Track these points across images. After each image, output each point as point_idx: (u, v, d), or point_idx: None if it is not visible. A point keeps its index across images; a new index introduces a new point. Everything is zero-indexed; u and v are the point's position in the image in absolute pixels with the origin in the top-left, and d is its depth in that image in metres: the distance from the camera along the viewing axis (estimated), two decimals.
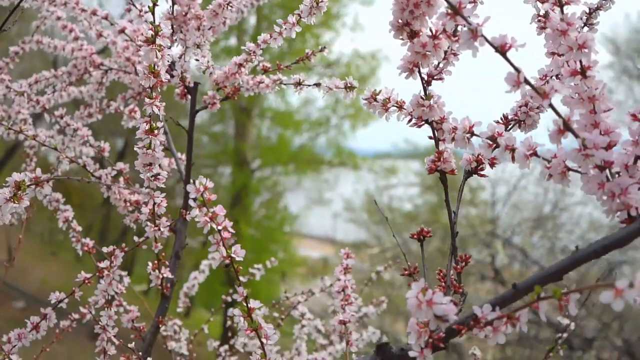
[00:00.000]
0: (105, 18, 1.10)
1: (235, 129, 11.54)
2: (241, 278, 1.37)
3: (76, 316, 1.10)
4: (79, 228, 1.10)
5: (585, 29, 0.72)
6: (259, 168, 11.85)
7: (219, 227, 0.62)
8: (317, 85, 0.91)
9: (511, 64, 0.51)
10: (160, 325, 0.99)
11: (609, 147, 0.53)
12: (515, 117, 0.69)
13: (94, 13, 1.10)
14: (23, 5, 1.16)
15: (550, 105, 0.52)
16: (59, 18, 1.21)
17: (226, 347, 1.35)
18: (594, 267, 6.67)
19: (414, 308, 0.50)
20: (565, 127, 0.52)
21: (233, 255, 0.63)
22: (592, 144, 0.51)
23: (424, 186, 10.06)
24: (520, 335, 6.55)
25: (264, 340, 0.65)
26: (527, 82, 0.51)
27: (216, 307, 1.56)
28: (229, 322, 1.35)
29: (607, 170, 0.53)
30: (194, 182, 0.60)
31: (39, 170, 0.71)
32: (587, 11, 0.72)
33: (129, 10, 1.07)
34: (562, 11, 0.54)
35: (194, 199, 0.61)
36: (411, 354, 0.55)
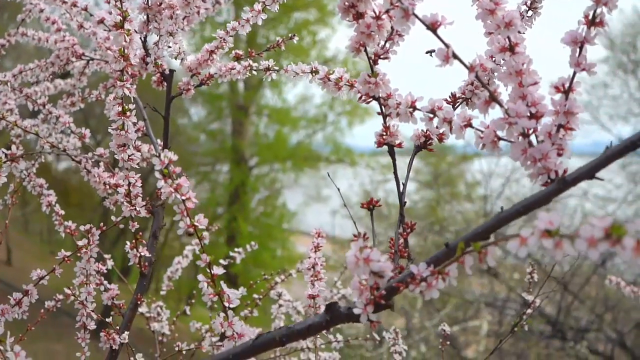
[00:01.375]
0: (85, 9, 1.14)
1: (233, 126, 11.58)
2: (221, 261, 1.42)
3: (60, 296, 1.15)
4: (62, 212, 1.15)
5: (530, 12, 0.77)
6: (257, 165, 11.90)
7: (184, 198, 0.67)
8: (285, 70, 0.95)
9: (441, 40, 0.56)
10: (139, 303, 1.04)
11: (536, 117, 0.58)
12: (463, 95, 0.73)
13: (74, 5, 1.14)
14: None
15: (477, 77, 0.56)
16: (42, 10, 1.25)
17: (207, 327, 1.40)
18: (587, 259, 6.74)
19: (352, 265, 0.55)
20: (492, 98, 0.56)
21: (196, 224, 0.68)
22: (515, 113, 0.55)
23: (422, 182, 10.11)
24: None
25: (226, 304, 0.69)
26: (455, 56, 0.55)
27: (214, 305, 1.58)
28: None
29: (533, 137, 0.57)
30: (159, 155, 0.65)
31: (14, 147, 0.76)
32: None
33: (107, 1, 1.11)
34: None
35: (159, 171, 0.66)
36: (355, 310, 0.60)
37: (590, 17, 0.57)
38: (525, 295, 1.14)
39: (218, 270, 0.70)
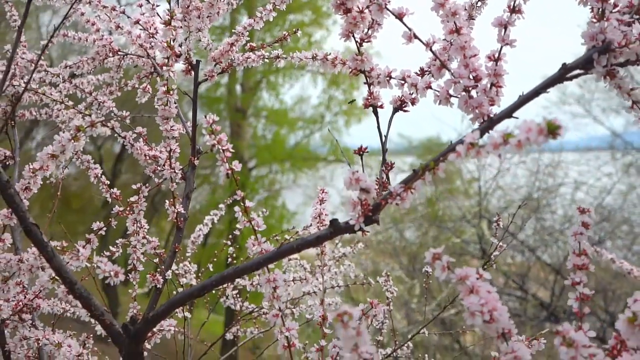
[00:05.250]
0: (123, 12, 1.37)
1: (231, 128, 11.80)
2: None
3: (108, 253, 1.38)
4: (107, 182, 1.38)
5: (479, 3, 1.00)
6: (256, 167, 12.12)
7: (224, 148, 0.90)
8: (292, 57, 1.18)
9: (406, 25, 0.79)
10: (177, 250, 1.27)
11: (476, 79, 0.81)
12: (429, 69, 0.96)
13: (113, 9, 1.38)
14: (55, 4, 1.44)
15: (432, 51, 0.79)
16: (82, 14, 1.48)
17: None
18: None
19: (347, 184, 0.78)
20: (442, 65, 0.80)
21: (233, 167, 0.91)
22: (459, 75, 0.79)
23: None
24: (509, 312, 6.85)
25: (256, 228, 0.93)
26: (416, 36, 0.79)
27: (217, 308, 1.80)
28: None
29: (474, 92, 0.81)
30: (205, 116, 0.88)
31: (94, 115, 0.99)
32: None
33: (140, 5, 1.35)
34: None
35: (205, 129, 0.89)
36: (351, 222, 0.83)
37: (512, 6, 0.80)
38: (492, 239, 1.37)
39: (250, 204, 0.93)
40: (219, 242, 10.78)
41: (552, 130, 0.56)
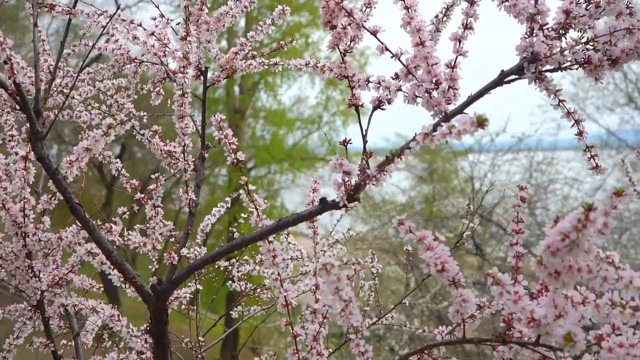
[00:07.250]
0: (140, 25, 1.56)
1: (230, 129, 11.96)
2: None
3: (140, 227, 1.56)
4: (127, 175, 1.56)
5: (444, 18, 1.19)
6: (255, 167, 12.29)
7: (230, 141, 1.09)
8: (288, 64, 1.37)
9: (379, 40, 0.98)
10: (189, 232, 1.46)
11: (437, 83, 1.00)
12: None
13: (131, 22, 1.56)
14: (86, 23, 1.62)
15: (399, 60, 0.98)
16: (103, 27, 1.67)
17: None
18: None
19: (332, 168, 0.97)
20: (408, 72, 0.99)
21: (238, 157, 1.10)
22: (422, 79, 0.98)
23: (417, 176, 10.53)
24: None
25: (258, 207, 1.12)
26: (387, 49, 0.98)
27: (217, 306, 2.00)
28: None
29: (435, 93, 1.00)
30: (214, 115, 1.07)
31: (122, 115, 1.17)
32: (446, 6, 1.19)
33: (154, 18, 1.54)
34: (406, 9, 1.00)
35: (214, 126, 1.08)
36: (336, 199, 1.02)
37: (464, 24, 0.99)
38: (464, 220, 1.56)
39: (252, 187, 1.12)
40: (219, 244, 10.95)
41: (480, 122, 0.75)
